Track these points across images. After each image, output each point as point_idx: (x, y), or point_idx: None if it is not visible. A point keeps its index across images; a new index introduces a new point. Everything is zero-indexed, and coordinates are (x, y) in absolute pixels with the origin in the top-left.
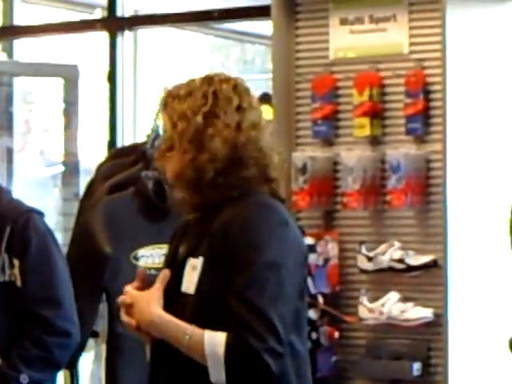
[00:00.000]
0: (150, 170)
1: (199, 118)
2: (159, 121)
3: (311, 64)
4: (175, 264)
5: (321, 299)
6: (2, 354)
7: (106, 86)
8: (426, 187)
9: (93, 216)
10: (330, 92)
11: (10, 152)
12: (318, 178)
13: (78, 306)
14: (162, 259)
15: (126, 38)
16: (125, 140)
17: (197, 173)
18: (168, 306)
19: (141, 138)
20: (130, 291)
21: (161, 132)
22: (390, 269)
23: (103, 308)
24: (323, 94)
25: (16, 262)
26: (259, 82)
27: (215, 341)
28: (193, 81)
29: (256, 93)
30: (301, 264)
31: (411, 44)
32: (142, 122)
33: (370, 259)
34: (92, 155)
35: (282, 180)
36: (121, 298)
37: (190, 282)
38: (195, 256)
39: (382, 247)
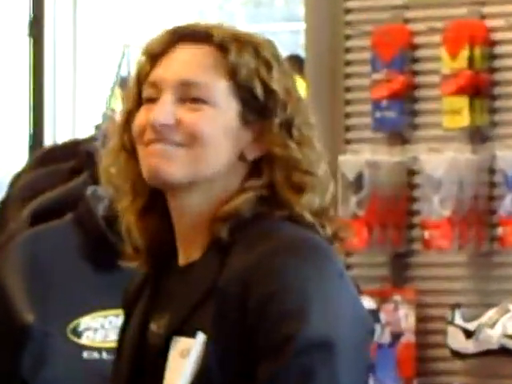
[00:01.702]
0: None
1: None
2: (115, 102)
3: (370, 7)
4: (143, 350)
5: None
6: None
7: (27, 43)
8: None
9: (5, 262)
10: (403, 54)
11: None
12: (381, 199)
13: None
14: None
15: None
16: (58, 135)
17: None
18: None
19: (84, 131)
20: None
21: (117, 119)
22: (503, 351)
23: None
24: (390, 58)
25: None
26: (281, 37)
27: None
28: None
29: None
30: (362, 342)
31: None
32: (85, 106)
33: (469, 334)
34: (2, 161)
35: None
36: None
37: (176, 378)
38: (187, 333)
39: (490, 315)
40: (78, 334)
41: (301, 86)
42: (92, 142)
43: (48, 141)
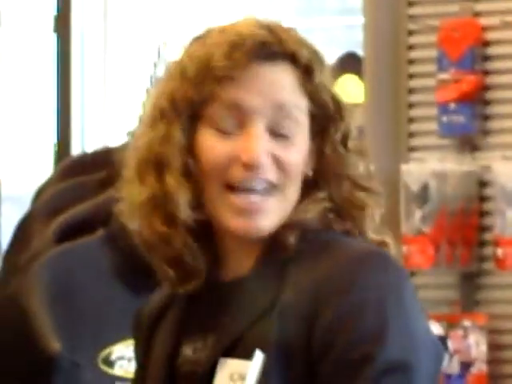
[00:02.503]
0: None
1: None
2: None
3: (437, 0)
4: (175, 377)
5: None
6: None
7: (53, 41)
8: None
9: (28, 284)
10: (473, 51)
11: None
12: (449, 213)
13: None
14: None
15: None
16: (87, 142)
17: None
18: None
19: (116, 137)
20: None
21: None
22: None
23: None
24: (459, 56)
25: None
26: (336, 32)
27: None
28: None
29: (331, 53)
30: (435, 368)
31: None
32: (117, 109)
33: None
34: (24, 172)
35: (373, 212)
36: None
37: None
38: (238, 354)
39: None
40: (111, 364)
41: (357, 88)
42: (125, 150)
43: (76, 149)
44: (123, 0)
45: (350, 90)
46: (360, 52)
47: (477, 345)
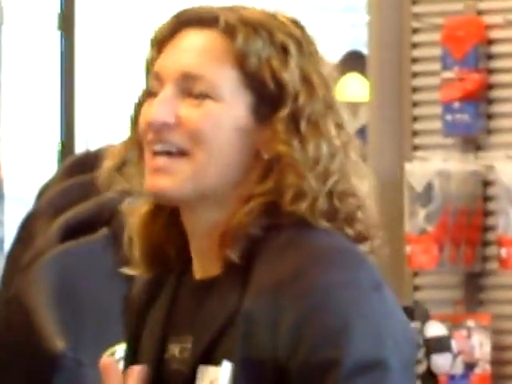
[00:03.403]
0: None
1: None
2: None
3: None
4: (163, 371)
5: None
6: None
7: (57, 40)
8: None
9: (32, 282)
10: (477, 50)
11: None
12: (453, 212)
13: None
14: None
15: None
16: (91, 140)
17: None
18: None
19: (120, 135)
20: None
21: None
22: None
23: None
24: (463, 54)
25: None
26: (340, 30)
27: None
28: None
29: (334, 51)
30: (409, 360)
31: None
32: (121, 107)
33: None
34: (27, 170)
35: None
36: None
37: None
38: (214, 360)
39: None
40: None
41: (361, 86)
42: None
43: (80, 147)
44: None
45: (353, 88)
46: (364, 50)
47: (480, 345)
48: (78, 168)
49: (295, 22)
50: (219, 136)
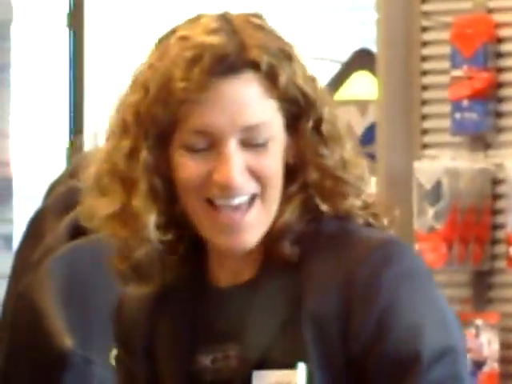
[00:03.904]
0: None
1: None
2: None
3: None
4: None
5: None
6: None
7: (66, 36)
8: None
9: (40, 280)
10: (486, 48)
11: None
12: (462, 210)
13: None
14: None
15: None
16: (100, 138)
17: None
18: None
19: None
20: None
21: None
22: None
23: None
24: (472, 52)
25: None
26: (348, 28)
27: None
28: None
29: (343, 49)
30: (464, 343)
31: None
32: None
33: None
34: (37, 168)
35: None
36: None
37: None
38: (269, 364)
39: None
40: None
41: (370, 84)
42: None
43: (89, 145)
44: None
45: (363, 86)
46: (373, 49)
47: (489, 343)
48: (88, 166)
49: (269, 27)
50: (279, 169)
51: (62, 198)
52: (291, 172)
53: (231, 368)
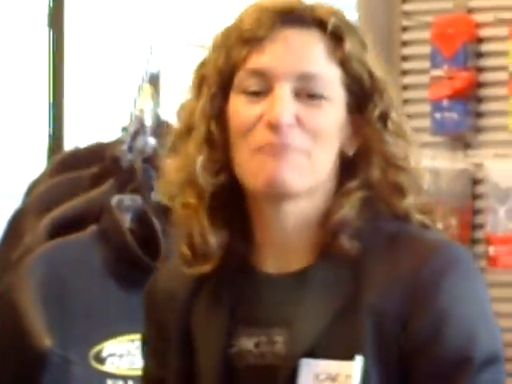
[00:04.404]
0: (128, 192)
1: None
2: (144, 100)
3: None
4: (232, 372)
5: None
6: None
7: (46, 35)
8: None
9: (20, 279)
10: (466, 48)
11: None
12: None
13: None
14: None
15: None
16: (80, 137)
17: None
18: None
19: (110, 133)
20: None
21: (147, 121)
22: None
23: None
24: (453, 52)
25: None
26: None
27: None
28: None
29: None
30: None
31: None
32: (110, 105)
33: None
34: (17, 167)
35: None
36: None
37: None
38: (318, 353)
39: None
40: (102, 361)
41: None
42: (118, 145)
43: (69, 144)
44: None
45: None
46: None
47: None
48: (67, 165)
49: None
50: (332, 134)
51: (42, 197)
52: (352, 166)
53: (277, 353)
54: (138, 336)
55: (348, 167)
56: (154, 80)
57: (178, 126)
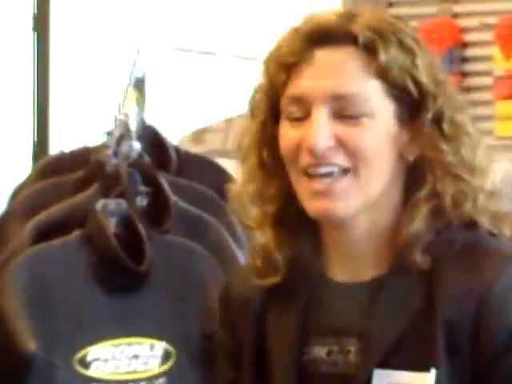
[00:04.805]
0: (113, 196)
1: None
2: (129, 105)
3: (415, 0)
4: (305, 378)
5: None
6: None
7: (31, 39)
8: None
9: (4, 284)
10: (451, 52)
11: None
12: None
13: None
14: (134, 364)
15: None
16: (65, 142)
17: None
18: None
19: (95, 137)
20: None
21: (132, 125)
22: None
23: None
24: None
25: None
26: None
27: None
28: None
29: None
30: None
31: None
32: (95, 109)
33: None
34: (1, 172)
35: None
36: None
37: None
38: (391, 364)
39: None
40: (86, 365)
41: None
42: (103, 150)
43: (54, 149)
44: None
45: None
46: None
47: None
48: (52, 170)
49: (407, 23)
50: (378, 150)
51: (27, 202)
52: (418, 175)
53: (350, 363)
54: (122, 340)
55: (415, 176)
56: (139, 84)
57: (241, 151)
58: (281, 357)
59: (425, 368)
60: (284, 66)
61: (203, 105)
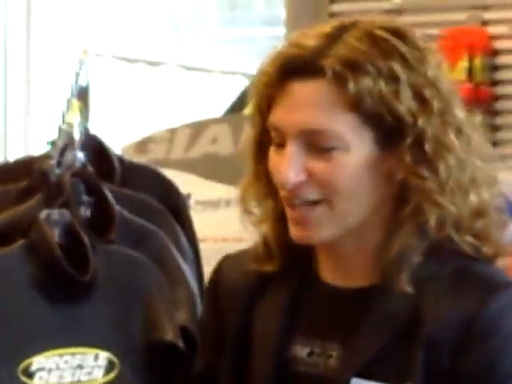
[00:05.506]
0: (57, 206)
1: None
2: (72, 115)
3: (358, 11)
4: (286, 376)
5: None
6: None
7: None
8: None
9: None
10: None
11: None
12: None
13: None
14: (78, 374)
15: None
16: (8, 151)
17: None
18: None
19: (38, 147)
20: None
21: (76, 135)
22: None
23: None
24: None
25: None
26: (260, 43)
27: None
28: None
29: (251, 68)
30: None
31: None
32: (38, 119)
33: None
34: None
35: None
36: None
37: None
38: (371, 375)
39: None
40: (30, 375)
41: None
42: (47, 159)
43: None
44: (46, 6)
45: None
46: None
47: None
48: None
49: (396, 32)
50: (354, 181)
51: None
52: (407, 192)
53: (330, 367)
54: (66, 350)
55: (405, 193)
56: (83, 94)
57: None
58: (262, 349)
59: (401, 382)
60: (265, 94)
61: (147, 114)
